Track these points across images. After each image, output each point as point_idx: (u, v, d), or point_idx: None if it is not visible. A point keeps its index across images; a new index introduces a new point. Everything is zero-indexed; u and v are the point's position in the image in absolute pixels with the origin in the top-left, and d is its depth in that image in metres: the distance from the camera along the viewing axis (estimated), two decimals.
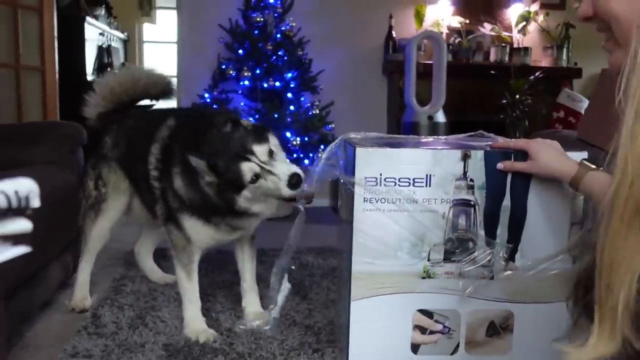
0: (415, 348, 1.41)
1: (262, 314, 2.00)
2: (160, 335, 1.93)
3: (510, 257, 1.41)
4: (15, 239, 0.71)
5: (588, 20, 0.89)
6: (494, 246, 1.39)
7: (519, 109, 4.06)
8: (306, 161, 3.68)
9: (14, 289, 1.78)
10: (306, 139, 3.73)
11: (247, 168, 1.67)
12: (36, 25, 3.69)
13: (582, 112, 3.87)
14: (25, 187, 0.72)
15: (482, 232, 1.39)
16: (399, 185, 1.33)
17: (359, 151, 1.34)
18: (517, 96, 4.06)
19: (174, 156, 1.87)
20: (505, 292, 1.42)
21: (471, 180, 1.36)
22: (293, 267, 1.79)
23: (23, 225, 0.72)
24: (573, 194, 1.35)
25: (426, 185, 1.34)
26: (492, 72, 4.16)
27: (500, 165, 1.35)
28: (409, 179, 1.33)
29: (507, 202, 1.39)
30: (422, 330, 1.41)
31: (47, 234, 2.03)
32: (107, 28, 5.52)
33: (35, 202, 0.73)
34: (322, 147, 3.62)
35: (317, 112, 3.84)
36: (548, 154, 1.30)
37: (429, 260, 1.37)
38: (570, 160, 1.27)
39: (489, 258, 1.39)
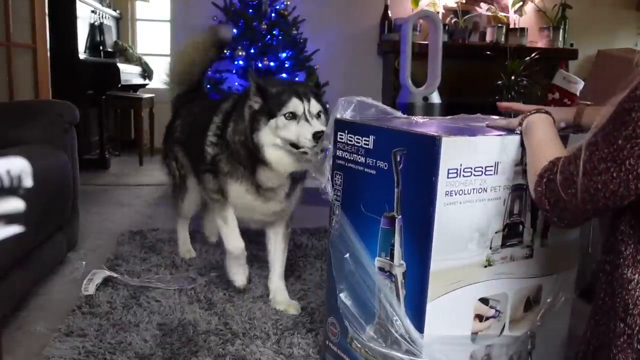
0: (473, 337, 1.41)
1: (292, 303, 2.04)
2: (155, 314, 1.93)
3: (544, 234, 1.44)
4: (8, 219, 0.71)
5: None
6: (536, 226, 1.42)
7: (515, 90, 4.04)
8: None
9: (6, 269, 1.78)
10: None
11: (293, 104, 1.76)
12: (27, 2, 3.64)
13: (578, 93, 3.86)
14: (17, 167, 0.71)
15: (529, 214, 1.40)
16: (474, 175, 1.30)
17: (446, 141, 1.24)
18: (513, 77, 4.04)
19: (235, 111, 1.95)
20: (540, 267, 1.47)
21: (525, 164, 1.34)
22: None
23: (15, 204, 0.71)
24: None
25: (494, 173, 1.32)
26: (488, 52, 4.14)
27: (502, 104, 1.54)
28: (482, 168, 1.31)
29: None
30: (480, 318, 1.40)
31: (40, 214, 2.03)
32: (99, 5, 5.44)
33: (28, 182, 0.72)
34: None
35: None
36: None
37: (490, 248, 1.36)
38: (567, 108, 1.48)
39: (531, 238, 1.41)
